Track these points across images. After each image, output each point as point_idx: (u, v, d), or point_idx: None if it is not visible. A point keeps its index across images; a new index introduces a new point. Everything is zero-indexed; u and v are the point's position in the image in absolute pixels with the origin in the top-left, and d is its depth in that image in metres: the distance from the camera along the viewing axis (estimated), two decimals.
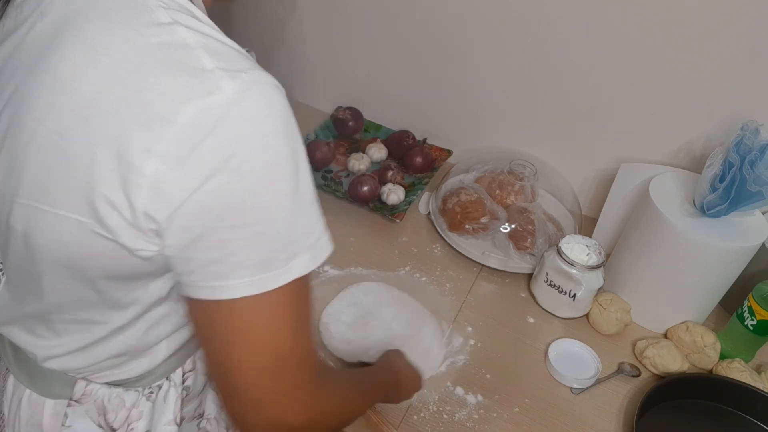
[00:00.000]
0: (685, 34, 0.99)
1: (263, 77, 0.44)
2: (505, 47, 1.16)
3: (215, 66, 0.42)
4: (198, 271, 0.45)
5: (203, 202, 0.42)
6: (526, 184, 1.15)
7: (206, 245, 0.44)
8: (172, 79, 0.42)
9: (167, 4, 0.45)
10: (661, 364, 0.92)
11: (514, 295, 1.05)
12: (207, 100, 0.41)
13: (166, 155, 0.41)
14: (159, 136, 0.41)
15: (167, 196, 0.42)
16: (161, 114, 0.41)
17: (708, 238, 0.89)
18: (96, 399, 0.62)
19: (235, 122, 0.42)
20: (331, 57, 1.38)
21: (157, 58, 0.43)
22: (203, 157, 0.41)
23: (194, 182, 0.42)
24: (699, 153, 1.08)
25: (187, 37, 0.44)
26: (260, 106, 0.43)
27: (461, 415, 0.84)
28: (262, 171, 0.43)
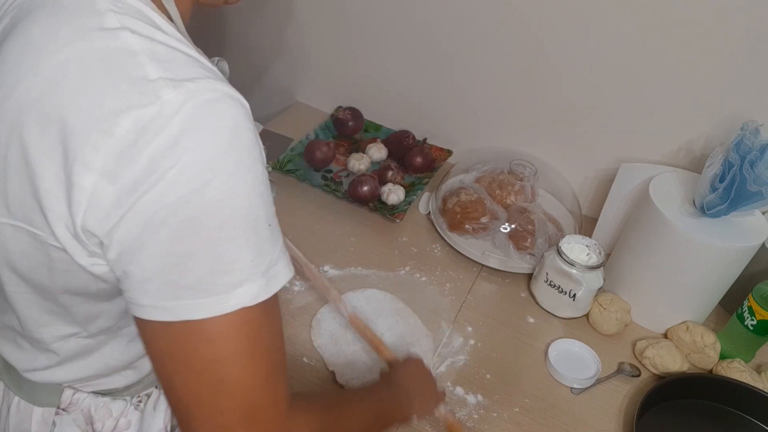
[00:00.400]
0: (685, 33, 0.99)
1: (214, 86, 0.42)
2: (505, 47, 1.16)
3: (159, 75, 0.40)
4: (135, 289, 0.43)
5: (139, 216, 0.40)
6: (526, 184, 1.15)
7: (142, 261, 0.41)
8: (111, 88, 0.40)
9: (120, 8, 0.43)
10: (661, 364, 0.92)
11: (514, 295, 1.05)
12: (145, 110, 0.39)
13: (103, 168, 0.39)
14: (97, 149, 0.39)
15: (105, 210, 0.40)
16: (99, 125, 0.39)
17: (708, 238, 0.89)
18: (83, 408, 0.61)
19: (174, 134, 0.39)
20: (331, 57, 1.38)
21: (97, 64, 0.41)
22: (140, 171, 0.39)
23: (131, 197, 0.39)
24: (699, 153, 1.08)
25: (133, 43, 0.41)
26: (204, 117, 0.40)
27: (461, 415, 0.84)
28: (202, 188, 0.40)
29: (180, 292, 0.42)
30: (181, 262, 0.41)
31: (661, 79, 1.05)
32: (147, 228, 0.40)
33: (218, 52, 0.58)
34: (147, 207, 0.40)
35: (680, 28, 0.99)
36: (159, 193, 0.39)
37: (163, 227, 0.40)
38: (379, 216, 1.16)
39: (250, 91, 1.57)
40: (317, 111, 1.45)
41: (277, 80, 1.50)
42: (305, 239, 1.08)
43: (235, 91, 0.44)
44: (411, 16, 1.22)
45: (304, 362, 0.88)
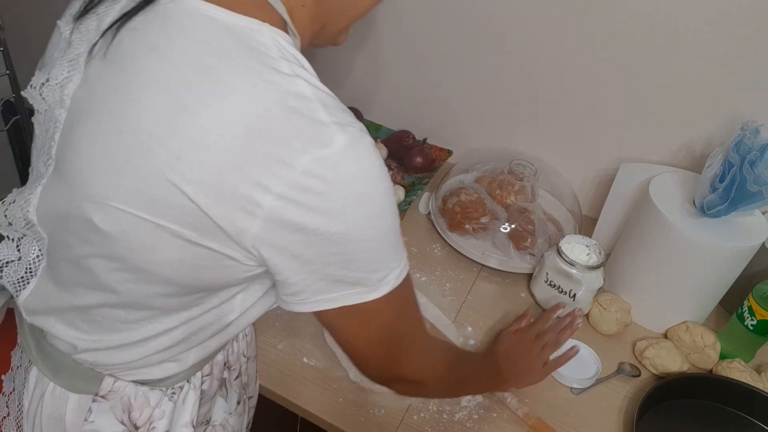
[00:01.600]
0: (685, 34, 0.99)
1: (363, 129, 0.49)
2: (505, 47, 1.16)
3: (330, 120, 0.47)
4: (306, 290, 0.52)
5: (312, 237, 0.47)
6: (526, 184, 1.15)
7: (312, 270, 0.50)
8: (293, 128, 0.46)
9: (287, 56, 0.49)
10: (660, 364, 0.92)
11: (514, 295, 1.05)
12: (324, 150, 0.46)
13: (281, 194, 0.45)
14: (277, 177, 0.45)
15: (278, 230, 0.47)
16: (281, 157, 0.45)
17: (708, 238, 0.89)
18: (123, 396, 0.63)
19: (345, 171, 0.47)
20: (330, 57, 1.38)
21: (280, 106, 0.46)
22: (315, 200, 0.46)
23: (304, 220, 0.46)
24: (699, 153, 1.08)
25: (305, 90, 0.47)
26: (364, 157, 0.48)
27: (461, 415, 0.84)
28: (365, 212, 0.49)
29: (342, 287, 0.52)
30: (346, 266, 0.50)
31: (661, 79, 1.05)
32: (318, 246, 0.48)
33: None
34: (321, 230, 0.47)
35: (680, 29, 0.99)
36: (330, 221, 0.47)
37: (333, 244, 0.48)
38: None
39: None
40: None
41: None
42: None
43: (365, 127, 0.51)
44: (411, 16, 1.22)
45: (304, 362, 0.88)
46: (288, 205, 0.46)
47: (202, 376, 0.68)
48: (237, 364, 0.75)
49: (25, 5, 1.68)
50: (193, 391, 0.67)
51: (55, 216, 0.57)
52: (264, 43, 0.49)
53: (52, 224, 0.58)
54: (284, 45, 0.50)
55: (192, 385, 0.67)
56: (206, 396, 0.70)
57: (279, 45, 0.49)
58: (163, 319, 0.58)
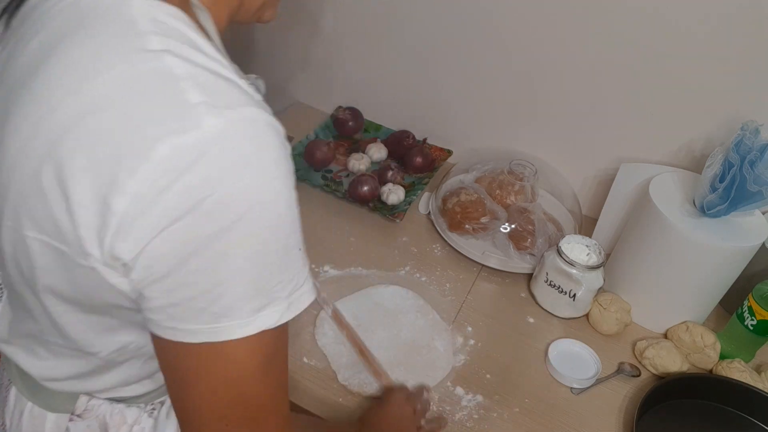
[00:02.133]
0: (684, 34, 0.99)
1: (254, 114, 0.41)
2: (505, 47, 1.16)
3: (200, 100, 0.40)
4: (160, 311, 0.43)
5: (169, 243, 0.40)
6: (526, 184, 1.15)
7: (168, 287, 0.42)
8: (151, 113, 0.39)
9: (161, 29, 0.42)
10: (660, 364, 0.92)
11: (514, 295, 1.05)
12: (184, 137, 0.38)
13: (136, 194, 0.39)
14: (132, 173, 0.38)
15: (133, 235, 0.40)
16: (136, 150, 0.39)
17: (708, 238, 0.88)
18: (98, 415, 0.61)
19: (213, 162, 0.39)
20: (331, 57, 1.38)
21: (137, 87, 0.40)
22: (174, 198, 0.39)
23: (162, 222, 0.39)
24: (699, 153, 1.08)
25: (174, 66, 0.41)
26: (244, 146, 0.40)
27: (461, 415, 0.84)
28: (237, 216, 0.40)
29: (206, 317, 0.42)
30: (212, 290, 0.41)
31: (661, 79, 1.05)
32: (178, 257, 0.40)
33: None
34: (179, 236, 0.40)
35: (680, 28, 0.99)
36: (193, 224, 0.39)
37: (195, 257, 0.40)
38: (379, 216, 1.16)
39: None
40: (317, 111, 1.45)
41: (277, 80, 1.50)
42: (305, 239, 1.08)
43: (272, 116, 0.43)
44: (411, 16, 1.22)
45: (304, 362, 0.88)
46: (145, 206, 0.39)
47: None
48: None
49: None
50: None
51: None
52: (131, 17, 0.42)
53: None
54: (160, 17, 0.43)
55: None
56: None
57: (152, 18, 0.43)
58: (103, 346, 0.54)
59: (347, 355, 0.89)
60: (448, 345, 0.93)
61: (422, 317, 0.97)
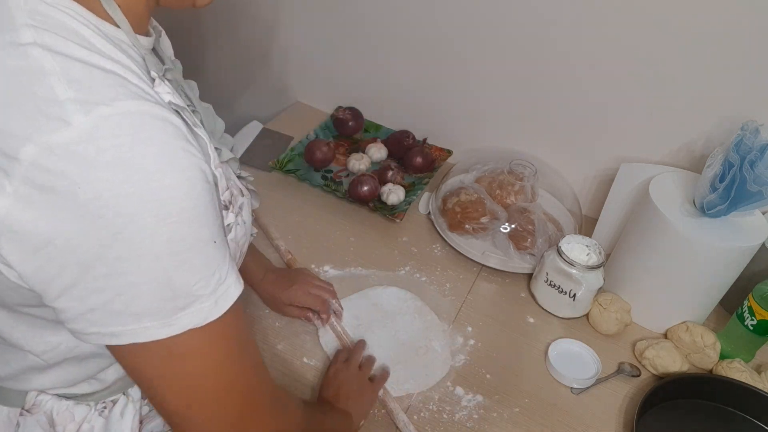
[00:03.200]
0: (684, 34, 0.99)
1: (135, 108, 0.39)
2: (505, 47, 1.16)
3: (68, 97, 0.37)
4: (79, 320, 0.42)
5: (66, 252, 0.38)
6: (526, 184, 1.15)
7: (79, 295, 0.40)
8: (15, 110, 0.37)
9: (38, 21, 0.40)
10: (660, 365, 0.92)
11: (514, 295, 1.05)
12: (53, 137, 0.36)
13: (15, 195, 0.37)
14: (6, 174, 0.37)
15: (21, 243, 0.38)
16: (5, 150, 0.37)
17: (708, 238, 0.88)
18: (45, 410, 0.59)
19: (90, 162, 0.37)
20: (331, 57, 1.38)
21: (3, 84, 0.38)
22: (57, 202, 0.37)
23: (50, 228, 0.37)
24: (699, 153, 1.08)
25: (44, 61, 0.38)
26: (121, 143, 0.38)
27: (461, 415, 0.84)
28: (132, 219, 0.38)
29: (126, 319, 0.41)
30: (124, 292, 0.40)
31: (661, 79, 1.05)
32: (79, 264, 0.39)
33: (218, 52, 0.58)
34: (75, 243, 0.38)
35: (680, 29, 0.99)
36: (85, 229, 0.37)
37: (98, 263, 0.38)
38: (379, 216, 1.16)
39: (250, 90, 1.57)
40: (317, 111, 1.45)
41: (277, 80, 1.50)
42: (305, 239, 1.08)
43: (161, 108, 0.41)
44: (411, 16, 1.22)
45: (304, 362, 0.88)
46: (26, 209, 0.37)
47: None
48: None
49: None
50: (132, 404, 0.62)
51: None
52: (7, 9, 0.40)
53: None
54: (40, 7, 0.41)
55: (130, 398, 0.62)
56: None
57: (30, 9, 0.40)
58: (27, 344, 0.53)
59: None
60: (446, 346, 0.93)
61: (420, 318, 0.97)
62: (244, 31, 1.47)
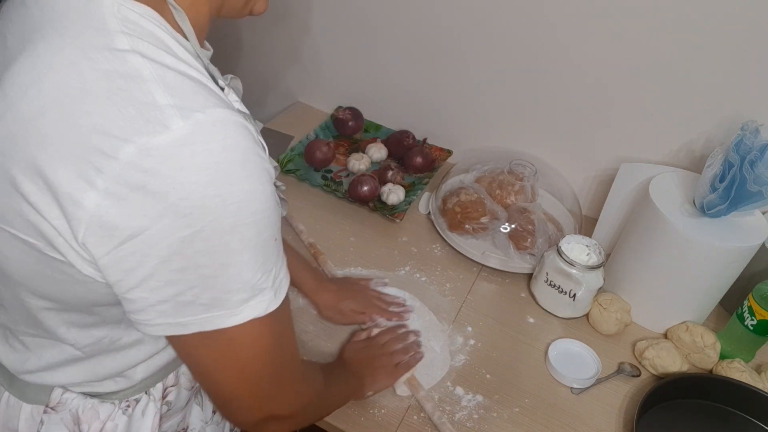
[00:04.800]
0: (685, 34, 0.99)
1: (223, 116, 0.42)
2: (505, 47, 1.16)
3: (168, 102, 0.40)
4: (148, 311, 0.44)
5: (148, 245, 0.40)
6: (526, 184, 1.15)
7: (154, 286, 0.43)
8: (115, 112, 0.39)
9: (131, 29, 0.42)
10: (660, 365, 0.92)
11: (514, 295, 1.05)
12: (153, 139, 0.39)
13: (107, 191, 0.39)
14: (100, 171, 0.39)
15: (107, 236, 0.40)
16: (101, 148, 0.39)
17: (708, 238, 0.88)
18: (71, 408, 0.60)
19: (184, 164, 0.39)
20: (331, 57, 1.38)
21: (101, 86, 0.40)
22: (147, 200, 0.39)
23: (136, 223, 0.40)
24: (699, 153, 1.08)
25: (142, 67, 0.41)
26: (216, 148, 0.40)
27: (461, 415, 0.84)
28: (215, 218, 0.41)
29: (194, 310, 0.44)
30: (196, 285, 0.43)
31: (661, 79, 1.05)
32: (159, 257, 0.41)
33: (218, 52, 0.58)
34: (159, 238, 0.40)
35: (680, 29, 0.99)
36: (169, 225, 0.40)
37: (177, 257, 0.41)
38: (379, 216, 1.16)
39: (251, 91, 1.57)
40: (317, 111, 1.45)
41: (278, 80, 1.50)
42: (305, 239, 1.08)
43: (241, 116, 0.44)
44: (411, 16, 1.22)
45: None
46: (116, 204, 0.39)
47: (165, 387, 0.65)
48: None
49: None
50: (153, 404, 0.63)
51: None
52: (101, 15, 0.42)
53: None
54: (131, 17, 0.43)
55: (152, 397, 0.63)
56: (175, 406, 0.67)
57: (122, 17, 0.43)
58: (75, 338, 0.55)
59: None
60: (445, 346, 0.93)
61: (419, 319, 0.96)
62: (244, 31, 1.47)
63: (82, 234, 0.41)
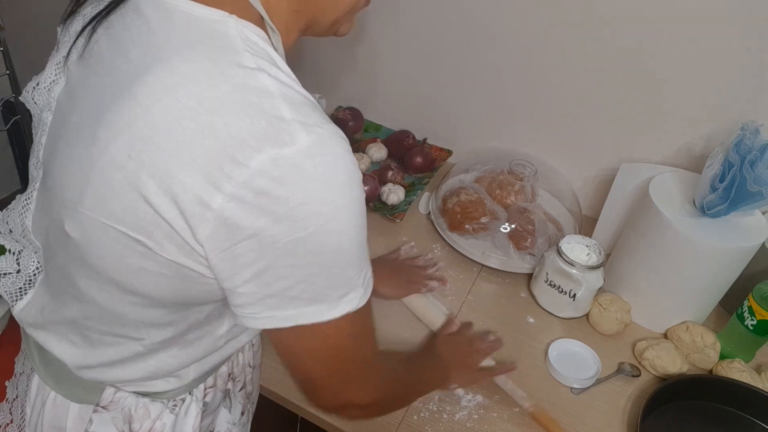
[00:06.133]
0: (684, 34, 0.99)
1: (335, 131, 0.46)
2: (505, 48, 1.16)
3: (293, 117, 0.44)
4: (257, 304, 0.48)
5: (265, 244, 0.44)
6: (526, 184, 1.15)
7: (265, 281, 0.46)
8: (249, 123, 0.43)
9: (254, 49, 0.46)
10: (660, 365, 0.92)
11: (514, 295, 1.05)
12: (282, 150, 0.42)
13: (233, 195, 0.42)
14: (229, 176, 0.42)
15: (229, 234, 0.44)
16: (233, 155, 0.42)
17: (708, 238, 0.88)
18: (123, 407, 0.62)
19: (307, 174, 0.43)
20: (331, 57, 1.38)
21: (236, 99, 0.44)
22: (270, 204, 0.43)
23: (258, 225, 0.43)
24: (699, 153, 1.08)
25: (269, 84, 0.45)
26: (332, 161, 0.45)
27: (461, 415, 0.84)
28: (327, 222, 0.45)
29: (298, 303, 0.48)
30: (303, 281, 0.47)
31: (661, 80, 1.05)
32: (274, 255, 0.45)
33: None
34: (276, 237, 0.44)
35: (680, 29, 0.99)
36: (286, 228, 0.44)
37: (289, 255, 0.45)
38: (379, 216, 1.16)
39: None
40: None
41: None
42: None
43: (339, 129, 0.48)
44: (411, 16, 1.22)
45: None
46: (241, 207, 0.43)
47: (205, 388, 0.67)
48: (242, 375, 0.74)
49: (25, 5, 1.68)
50: (195, 404, 0.65)
51: (45, 222, 0.56)
52: (228, 35, 0.46)
53: (42, 232, 0.57)
54: (252, 38, 0.47)
55: (194, 397, 0.65)
56: (209, 408, 0.69)
57: (245, 37, 0.47)
58: (148, 334, 0.57)
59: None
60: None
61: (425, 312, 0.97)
62: None
63: (207, 233, 0.44)
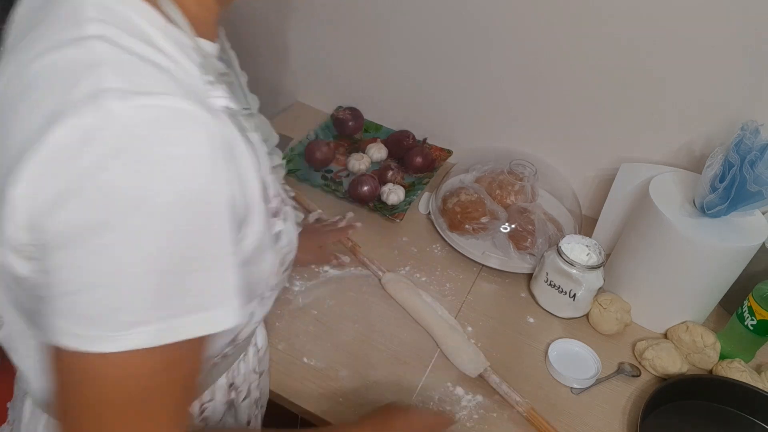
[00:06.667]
0: (685, 34, 0.99)
1: (176, 104, 0.38)
2: (505, 47, 1.16)
3: (114, 86, 0.37)
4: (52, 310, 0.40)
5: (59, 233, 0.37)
6: (526, 184, 1.15)
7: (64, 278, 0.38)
8: (54, 96, 0.37)
9: (106, 16, 0.40)
10: (660, 366, 0.92)
11: (514, 295, 1.05)
12: (83, 120, 0.36)
13: (30, 179, 0.36)
14: (28, 157, 0.36)
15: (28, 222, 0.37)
16: (34, 133, 0.36)
17: (708, 238, 0.88)
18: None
19: (107, 150, 0.35)
20: (331, 57, 1.38)
21: (58, 76, 0.38)
22: (64, 185, 0.36)
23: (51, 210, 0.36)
24: (699, 153, 1.08)
25: (102, 52, 0.38)
26: (149, 136, 0.36)
27: (461, 415, 0.84)
28: (122, 213, 0.36)
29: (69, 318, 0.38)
30: (77, 290, 0.38)
31: (660, 80, 1.05)
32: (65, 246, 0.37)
33: None
34: (62, 224, 0.36)
35: (680, 29, 0.99)
36: (76, 212, 0.36)
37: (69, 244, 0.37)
38: (379, 216, 1.16)
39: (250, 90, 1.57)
40: (317, 111, 1.45)
41: (278, 80, 1.50)
42: None
43: (208, 113, 0.39)
44: (411, 16, 1.22)
45: (305, 362, 0.88)
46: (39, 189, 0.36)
47: (202, 404, 0.64)
48: (245, 384, 0.70)
49: None
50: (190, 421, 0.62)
51: None
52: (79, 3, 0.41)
53: None
54: (110, 4, 0.41)
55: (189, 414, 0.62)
56: (210, 421, 0.66)
57: (100, 3, 0.41)
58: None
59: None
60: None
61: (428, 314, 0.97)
62: (244, 31, 1.46)
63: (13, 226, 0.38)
